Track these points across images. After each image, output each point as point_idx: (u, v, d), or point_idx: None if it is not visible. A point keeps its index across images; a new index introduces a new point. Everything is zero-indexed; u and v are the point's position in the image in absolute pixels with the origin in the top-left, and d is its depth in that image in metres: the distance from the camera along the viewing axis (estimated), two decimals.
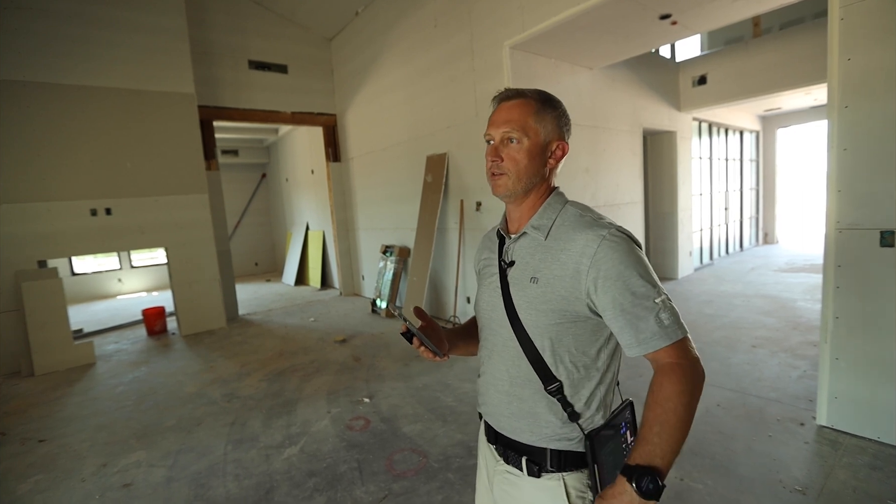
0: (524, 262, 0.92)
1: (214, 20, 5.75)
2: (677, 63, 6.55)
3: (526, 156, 0.89)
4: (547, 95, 0.93)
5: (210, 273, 5.49)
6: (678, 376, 0.78)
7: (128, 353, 4.82)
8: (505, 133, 0.90)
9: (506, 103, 0.92)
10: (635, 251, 0.83)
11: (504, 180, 0.91)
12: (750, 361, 3.45)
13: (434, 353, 0.96)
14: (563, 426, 0.88)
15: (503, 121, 0.90)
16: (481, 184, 4.44)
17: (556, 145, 0.93)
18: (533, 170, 0.91)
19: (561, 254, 0.86)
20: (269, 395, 3.45)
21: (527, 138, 0.89)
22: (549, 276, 0.86)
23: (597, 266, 0.82)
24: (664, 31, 3.91)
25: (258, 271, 10.78)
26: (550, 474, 0.89)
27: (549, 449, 0.88)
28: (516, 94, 0.92)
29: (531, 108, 0.90)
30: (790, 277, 6.23)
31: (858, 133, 2.24)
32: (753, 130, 9.04)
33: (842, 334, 2.36)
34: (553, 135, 0.92)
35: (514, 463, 0.93)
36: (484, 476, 1.03)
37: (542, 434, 0.89)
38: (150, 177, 5.04)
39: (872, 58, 2.16)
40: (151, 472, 2.51)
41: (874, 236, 2.22)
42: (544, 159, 0.92)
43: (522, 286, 0.90)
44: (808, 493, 1.97)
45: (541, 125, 0.90)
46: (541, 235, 0.91)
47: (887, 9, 2.10)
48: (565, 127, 0.94)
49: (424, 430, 2.76)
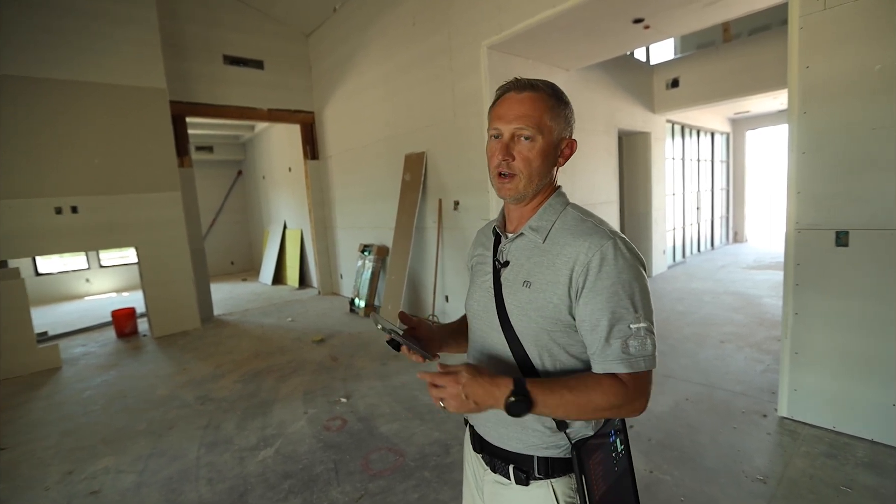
0: (519, 263, 0.88)
1: (187, 12, 5.59)
2: (651, 66, 6.70)
3: (539, 156, 0.83)
4: (558, 89, 0.86)
5: (183, 272, 5.35)
6: (617, 395, 0.76)
7: (96, 356, 4.66)
8: (518, 129, 0.82)
9: (516, 95, 0.84)
10: (633, 268, 0.79)
11: (515, 182, 0.84)
12: (718, 356, 3.57)
13: (423, 357, 0.92)
14: (550, 435, 0.85)
15: (515, 115, 0.82)
16: (459, 183, 4.46)
17: (566, 143, 0.87)
18: (544, 171, 0.85)
19: (557, 259, 0.82)
20: (244, 397, 3.40)
21: (541, 136, 0.82)
22: (542, 282, 0.83)
23: (588, 275, 0.79)
24: (638, 34, 4.00)
25: (234, 270, 10.56)
26: (539, 481, 0.86)
27: (535, 456, 0.86)
28: (528, 85, 0.84)
29: (546, 104, 0.83)
30: (757, 275, 6.46)
31: (816, 138, 2.34)
32: (724, 132, 9.33)
33: (801, 330, 2.48)
34: (565, 132, 0.86)
35: (501, 471, 0.91)
36: (472, 485, 1.01)
37: (528, 442, 0.86)
38: (120, 174, 4.88)
39: (829, 66, 2.27)
40: (120, 478, 2.44)
41: (830, 236, 2.33)
42: (555, 159, 0.86)
43: (515, 289, 0.87)
44: (769, 481, 2.07)
45: (555, 122, 0.84)
46: (539, 238, 0.86)
47: (843, 20, 2.20)
48: (573, 123, 0.88)
49: (401, 429, 2.76)
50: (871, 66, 2.14)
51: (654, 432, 2.54)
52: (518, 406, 0.75)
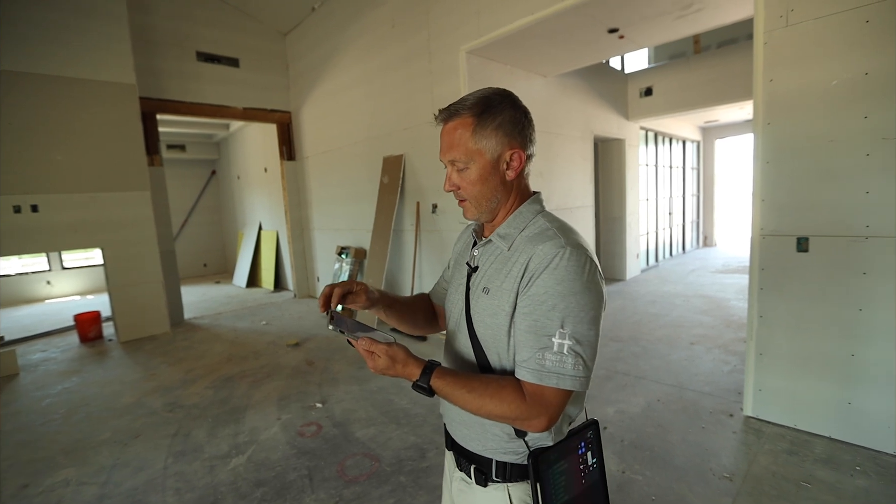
0: (483, 269, 0.89)
1: (159, 6, 5.42)
2: (626, 74, 6.88)
3: (478, 181, 0.84)
4: (487, 102, 0.83)
5: (152, 274, 5.18)
6: (511, 406, 0.76)
7: (57, 362, 4.45)
8: (451, 162, 0.85)
9: (446, 126, 0.85)
10: (575, 283, 0.75)
11: (468, 206, 0.88)
12: (688, 357, 3.68)
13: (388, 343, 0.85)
14: (508, 441, 0.86)
15: (447, 147, 0.84)
16: (437, 186, 4.47)
17: (509, 155, 0.84)
18: (490, 192, 0.85)
19: (513, 267, 0.82)
20: (216, 403, 3.30)
21: (473, 163, 0.83)
22: (497, 289, 0.83)
23: (530, 280, 0.78)
24: (613, 43, 4.10)
25: (207, 273, 10.28)
26: (496, 484, 0.88)
27: (494, 460, 0.87)
28: (451, 113, 0.84)
29: (469, 128, 0.82)
30: (726, 278, 6.69)
31: (779, 148, 2.45)
32: (695, 140, 9.64)
33: (765, 332, 2.58)
34: (502, 145, 0.83)
35: (465, 470, 0.93)
36: (448, 480, 1.03)
37: (488, 445, 0.88)
38: (85, 171, 4.69)
39: (791, 80, 2.38)
40: (81, 491, 2.33)
41: (792, 242, 2.44)
42: (500, 174, 0.85)
43: (477, 295, 0.88)
44: (735, 479, 2.14)
45: (483, 143, 0.82)
46: (505, 245, 0.86)
47: (803, 37, 2.31)
48: (517, 129, 0.83)
49: (378, 434, 2.74)
50: (829, 82, 2.26)
51: (626, 433, 2.59)
52: (419, 391, 0.80)
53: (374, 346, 0.81)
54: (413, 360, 0.81)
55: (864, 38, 2.14)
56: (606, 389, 3.17)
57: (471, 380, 0.80)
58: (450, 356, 0.98)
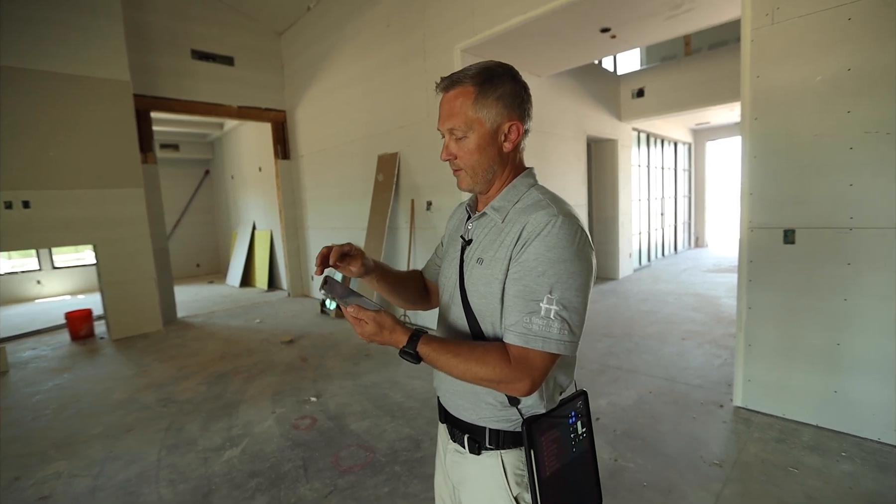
0: (478, 241, 0.90)
1: (154, 3, 5.42)
2: (618, 76, 6.97)
3: (476, 150, 0.85)
4: (489, 73, 0.84)
5: (145, 272, 5.14)
6: (496, 369, 0.78)
7: (47, 360, 4.41)
8: (450, 130, 0.86)
9: (446, 94, 0.86)
10: (565, 250, 0.77)
11: (463, 176, 0.89)
12: (679, 352, 3.73)
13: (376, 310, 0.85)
14: (501, 409, 0.87)
15: (446, 115, 0.86)
16: (432, 183, 4.50)
17: (507, 127, 0.85)
18: (487, 162, 0.87)
19: (507, 237, 0.83)
20: (209, 398, 3.29)
21: (472, 131, 0.84)
22: (491, 258, 0.85)
23: (522, 246, 0.80)
24: (605, 43, 4.17)
25: (200, 273, 10.21)
26: (490, 451, 0.89)
27: (487, 428, 0.89)
28: (453, 81, 0.85)
29: (470, 97, 0.83)
30: (716, 277, 6.78)
31: (766, 143, 2.50)
32: (686, 142, 9.77)
33: (754, 323, 2.62)
34: (501, 117, 0.84)
35: (458, 441, 0.94)
36: (441, 454, 1.04)
37: (481, 414, 0.89)
38: (78, 168, 4.66)
39: (777, 76, 2.44)
40: (73, 483, 2.32)
41: (779, 234, 2.49)
42: (498, 145, 0.86)
43: (471, 266, 0.89)
44: (724, 466, 2.17)
45: (483, 112, 0.83)
46: (499, 217, 0.87)
47: (788, 34, 2.37)
48: (516, 102, 0.85)
49: (372, 427, 2.75)
50: (814, 77, 2.32)
51: (619, 423, 2.63)
52: (406, 358, 0.82)
53: (362, 313, 0.82)
54: (400, 328, 0.83)
55: (846, 35, 2.20)
56: (599, 382, 3.21)
57: (457, 345, 0.82)
58: (443, 329, 0.99)
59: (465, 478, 0.94)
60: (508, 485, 0.88)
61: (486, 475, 0.90)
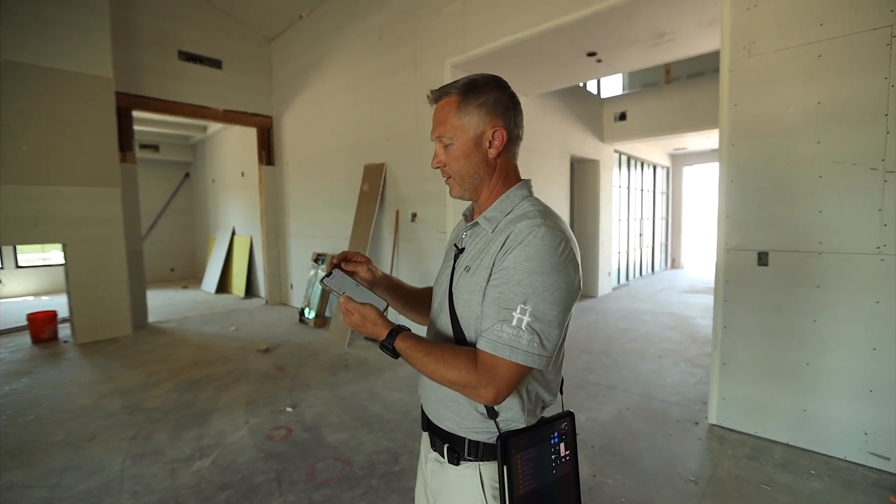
0: (469, 250, 0.91)
1: (145, 3, 5.36)
2: (602, 99, 7.19)
3: (461, 157, 0.88)
4: (473, 83, 0.87)
5: (117, 274, 4.97)
6: (462, 373, 0.79)
7: (6, 363, 4.18)
8: (438, 138, 0.90)
9: (435, 105, 0.91)
10: (544, 261, 0.77)
11: (453, 183, 0.92)
12: (656, 370, 3.79)
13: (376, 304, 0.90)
14: (482, 420, 0.87)
15: (435, 124, 0.90)
16: (417, 194, 4.51)
17: (491, 133, 0.87)
18: (472, 168, 0.89)
19: (493, 245, 0.84)
20: (179, 406, 3.17)
21: (457, 138, 0.87)
22: (478, 266, 0.86)
23: (505, 255, 0.80)
24: (591, 67, 4.31)
25: (174, 277, 9.93)
26: (468, 462, 0.88)
27: (467, 439, 0.88)
28: (441, 94, 0.90)
29: (453, 105, 0.87)
30: (692, 298, 6.95)
31: (742, 168, 2.61)
32: (664, 166, 10.10)
33: (729, 342, 2.69)
34: (484, 123, 0.86)
35: (438, 450, 0.94)
36: (422, 463, 1.04)
37: (462, 424, 0.89)
38: (51, 164, 4.50)
39: (753, 106, 2.56)
40: (26, 494, 2.19)
41: (753, 256, 2.58)
42: (482, 152, 0.88)
43: (460, 274, 0.90)
44: (700, 482, 2.20)
45: (465, 119, 0.86)
46: (490, 227, 0.88)
47: (764, 67, 2.50)
48: (500, 109, 0.87)
49: (349, 439, 2.69)
50: (786, 108, 2.44)
51: (597, 439, 2.64)
52: (385, 351, 0.86)
53: (350, 304, 0.87)
54: (383, 322, 0.86)
55: (816, 70, 2.34)
56: (578, 398, 3.22)
57: (432, 345, 0.84)
58: (431, 336, 0.98)
59: (443, 488, 0.93)
60: (485, 497, 0.87)
61: (464, 486, 0.89)
